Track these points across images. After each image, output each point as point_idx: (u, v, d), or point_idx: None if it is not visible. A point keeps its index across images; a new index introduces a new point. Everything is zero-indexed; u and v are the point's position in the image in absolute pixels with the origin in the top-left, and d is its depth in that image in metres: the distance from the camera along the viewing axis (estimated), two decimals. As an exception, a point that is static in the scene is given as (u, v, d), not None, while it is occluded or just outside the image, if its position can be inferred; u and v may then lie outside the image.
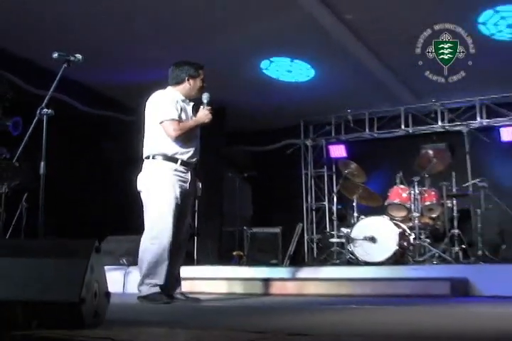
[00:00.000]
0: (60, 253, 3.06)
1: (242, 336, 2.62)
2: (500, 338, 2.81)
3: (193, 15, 8.19)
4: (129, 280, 7.34)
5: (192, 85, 5.72)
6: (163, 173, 5.47)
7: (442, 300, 5.68)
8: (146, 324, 3.19)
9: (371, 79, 10.30)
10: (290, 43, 9.04)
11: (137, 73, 5.83)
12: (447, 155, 9.48)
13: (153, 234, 5.39)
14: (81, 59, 5.16)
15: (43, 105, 4.94)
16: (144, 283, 5.36)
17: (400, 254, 8.59)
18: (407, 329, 3.20)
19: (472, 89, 10.32)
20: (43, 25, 8.25)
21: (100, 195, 10.07)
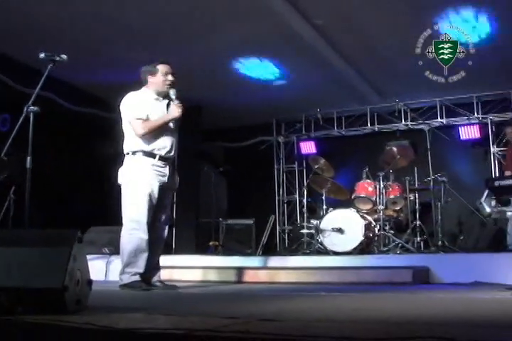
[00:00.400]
0: (44, 242, 3.04)
1: (216, 321, 2.61)
2: (456, 320, 2.83)
3: (171, 19, 8.15)
4: (110, 268, 7.31)
5: (154, 81, 5.65)
6: (141, 168, 5.46)
7: (405, 287, 5.70)
8: (126, 310, 3.17)
9: (340, 80, 10.33)
10: (263, 45, 9.03)
11: (119, 73, 5.80)
12: (410, 151, 9.53)
13: (131, 225, 5.37)
14: (66, 59, 5.12)
15: (29, 103, 4.91)
16: (125, 271, 5.35)
17: (366, 244, 8.63)
18: (374, 314, 3.21)
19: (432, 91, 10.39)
20: (30, 25, 8.16)
21: (84, 187, 10.02)
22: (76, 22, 8.16)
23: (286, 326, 2.52)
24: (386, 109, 11.62)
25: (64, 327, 2.47)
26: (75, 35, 8.41)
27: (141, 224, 5.34)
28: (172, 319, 2.82)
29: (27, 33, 8.28)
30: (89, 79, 9.83)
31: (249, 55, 9.58)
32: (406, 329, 2.37)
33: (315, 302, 4.30)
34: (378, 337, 2.15)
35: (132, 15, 8.04)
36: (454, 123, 11.30)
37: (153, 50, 7.88)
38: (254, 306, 3.86)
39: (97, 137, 9.78)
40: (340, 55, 9.35)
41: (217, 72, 9.99)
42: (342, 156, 11.52)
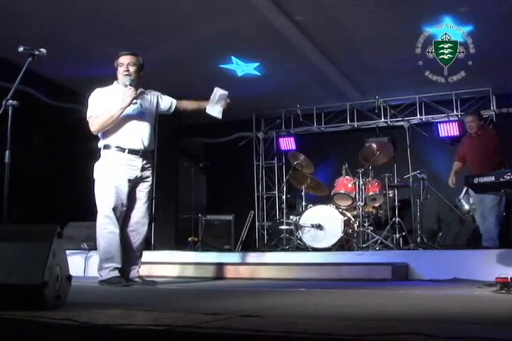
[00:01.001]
0: (23, 238, 3.02)
1: (196, 317, 2.61)
2: (435, 317, 2.85)
3: (151, 15, 8.12)
4: (89, 264, 7.29)
5: (118, 73, 5.67)
6: (110, 162, 5.48)
7: (384, 283, 5.73)
8: (106, 306, 3.16)
9: (319, 76, 10.33)
10: (241, 40, 9.02)
11: (98, 67, 5.78)
12: (389, 148, 9.56)
13: (104, 220, 5.39)
14: (45, 53, 5.09)
15: (8, 96, 4.87)
16: (103, 267, 5.35)
17: (345, 241, 8.67)
18: (353, 310, 3.22)
19: (412, 88, 10.44)
20: (8, 19, 8.10)
21: (62, 182, 9.96)
22: (55, 17, 8.11)
23: (267, 322, 2.53)
24: (366, 106, 11.65)
25: (43, 323, 2.46)
26: (54, 29, 8.36)
27: (111, 218, 5.35)
28: (152, 315, 2.81)
29: (5, 27, 8.22)
30: (68, 73, 9.77)
31: (227, 50, 9.56)
32: (386, 325, 2.39)
33: (295, 298, 4.31)
34: (358, 334, 2.16)
35: (110, 10, 7.99)
36: (433, 121, 11.36)
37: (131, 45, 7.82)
38: (235, 302, 3.87)
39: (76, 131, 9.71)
40: (320, 51, 9.35)
41: (197, 67, 9.96)
42: (322, 152, 11.54)
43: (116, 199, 5.38)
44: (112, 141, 5.49)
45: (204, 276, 6.76)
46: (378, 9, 7.90)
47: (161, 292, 5.06)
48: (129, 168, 5.47)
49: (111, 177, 5.42)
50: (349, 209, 9.19)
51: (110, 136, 5.50)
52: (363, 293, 4.74)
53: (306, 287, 5.14)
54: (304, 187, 9.64)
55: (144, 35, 8.60)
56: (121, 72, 5.62)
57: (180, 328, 2.29)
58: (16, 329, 2.45)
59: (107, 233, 5.33)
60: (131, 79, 5.54)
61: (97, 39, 8.68)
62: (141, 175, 5.56)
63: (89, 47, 8.86)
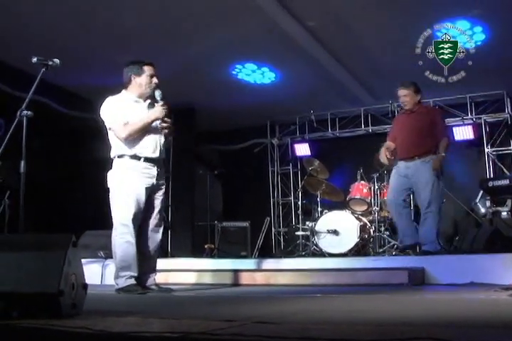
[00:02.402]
0: (39, 247, 3.03)
1: (211, 324, 2.61)
2: (452, 321, 2.83)
3: (164, 22, 8.16)
4: (106, 272, 7.30)
5: (138, 83, 5.61)
6: (127, 171, 5.46)
7: (401, 288, 5.70)
8: (121, 314, 3.16)
9: (333, 82, 10.34)
10: (255, 48, 9.05)
11: (111, 76, 5.79)
12: (404, 153, 9.51)
13: (120, 229, 5.37)
14: (58, 63, 5.12)
15: (22, 107, 4.90)
16: (119, 275, 5.34)
17: (361, 246, 8.65)
18: (369, 316, 3.21)
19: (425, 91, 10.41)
20: (22, 30, 8.16)
21: (78, 192, 10.00)
22: (68, 27, 8.16)
23: (282, 328, 2.52)
24: (380, 110, 11.62)
25: (59, 331, 2.46)
26: (67, 39, 8.41)
27: (129, 227, 5.33)
28: (167, 322, 2.81)
29: (19, 38, 8.28)
30: (82, 82, 9.82)
31: (241, 56, 9.58)
32: (402, 330, 2.37)
33: (311, 304, 4.30)
34: (374, 339, 2.15)
35: (123, 19, 8.03)
36: (447, 124, 11.29)
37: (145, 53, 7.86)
38: (250, 309, 3.86)
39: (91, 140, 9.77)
40: (333, 57, 9.36)
41: (211, 74, 9.99)
42: (336, 158, 11.54)
43: (136, 208, 5.38)
44: (127, 150, 5.48)
45: (221, 283, 6.75)
46: (390, 13, 7.90)
47: (177, 299, 5.06)
48: (145, 177, 5.48)
49: (129, 186, 5.41)
50: (365, 214, 9.17)
51: (125, 144, 5.49)
52: (380, 298, 4.73)
53: (323, 293, 5.12)
54: (319, 192, 9.64)
55: (156, 43, 8.63)
56: (148, 82, 5.60)
57: (195, 335, 2.29)
58: (31, 337, 2.46)
59: (123, 242, 5.32)
60: (161, 92, 5.58)
61: (111, 47, 8.71)
62: (156, 183, 5.56)
63: (103, 56, 8.90)
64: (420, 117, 7.45)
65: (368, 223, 8.84)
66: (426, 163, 7.24)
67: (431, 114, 7.58)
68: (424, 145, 7.29)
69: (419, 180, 7.23)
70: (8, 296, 2.82)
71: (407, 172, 7.36)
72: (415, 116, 7.48)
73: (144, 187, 5.45)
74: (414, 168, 7.29)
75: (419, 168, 7.25)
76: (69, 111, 10.22)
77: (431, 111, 7.82)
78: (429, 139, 7.30)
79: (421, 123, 7.39)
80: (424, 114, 7.52)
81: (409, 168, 7.35)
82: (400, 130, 7.63)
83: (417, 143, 7.31)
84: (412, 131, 7.41)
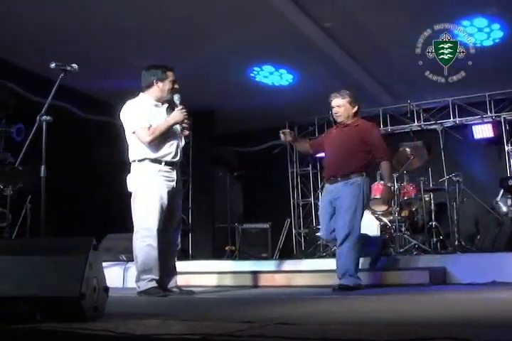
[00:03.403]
0: (60, 251, 3.06)
1: (233, 326, 2.62)
2: (473, 321, 2.82)
3: (182, 25, 8.19)
4: (128, 275, 7.34)
5: (161, 88, 5.64)
6: (148, 175, 5.48)
7: (422, 288, 5.69)
8: (143, 316, 3.18)
9: (350, 82, 10.30)
10: (273, 50, 9.06)
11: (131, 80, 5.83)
12: (424, 152, 9.48)
13: (142, 232, 5.39)
14: (77, 68, 5.16)
15: (42, 112, 4.94)
16: (141, 278, 5.36)
17: (382, 246, 8.61)
18: (391, 316, 3.21)
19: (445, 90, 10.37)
20: (41, 36, 8.23)
21: (99, 195, 10.06)
22: (85, 32, 8.22)
23: (302, 330, 2.53)
24: (398, 110, 11.60)
25: (81, 334, 2.49)
26: (86, 44, 8.47)
27: (151, 231, 5.35)
28: (188, 324, 2.83)
29: (38, 43, 8.35)
30: (100, 86, 9.88)
31: (259, 59, 9.60)
32: (423, 330, 2.37)
33: (331, 305, 4.30)
34: (395, 339, 2.15)
35: (141, 22, 8.08)
36: (467, 123, 11.28)
37: (164, 56, 7.90)
38: (271, 310, 3.87)
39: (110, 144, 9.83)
40: (350, 57, 9.36)
41: (229, 77, 10.02)
42: (356, 158, 11.52)
43: (158, 212, 5.40)
44: (148, 154, 5.50)
45: (242, 285, 6.77)
46: (407, 12, 7.88)
47: (198, 301, 5.08)
48: (166, 180, 5.50)
49: (152, 190, 5.43)
50: (385, 214, 9.12)
51: (146, 148, 5.52)
52: (400, 298, 4.72)
53: (343, 294, 5.13)
54: (339, 193, 9.61)
55: (175, 46, 8.68)
56: (170, 88, 5.64)
57: (216, 337, 2.30)
58: (54, 340, 2.49)
59: (145, 246, 5.34)
60: (180, 97, 5.61)
61: (130, 50, 8.76)
62: (176, 186, 5.59)
63: (121, 60, 8.95)
64: (351, 132, 6.29)
65: (388, 223, 8.80)
66: (349, 185, 6.01)
67: (363, 131, 6.29)
68: (349, 165, 6.07)
69: (340, 205, 5.99)
70: (31, 300, 2.85)
71: (330, 198, 6.13)
72: (348, 130, 6.33)
73: (166, 190, 5.47)
74: (336, 191, 6.07)
75: (340, 190, 6.02)
76: (88, 115, 10.27)
77: (364, 128, 6.38)
78: (356, 159, 6.11)
79: (350, 140, 6.22)
80: (357, 129, 6.32)
81: (331, 192, 6.14)
82: (328, 146, 6.47)
83: (342, 162, 6.12)
84: (339, 148, 6.26)
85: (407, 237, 8.62)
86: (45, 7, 7.57)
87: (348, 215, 5.90)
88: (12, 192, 7.29)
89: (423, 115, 11.36)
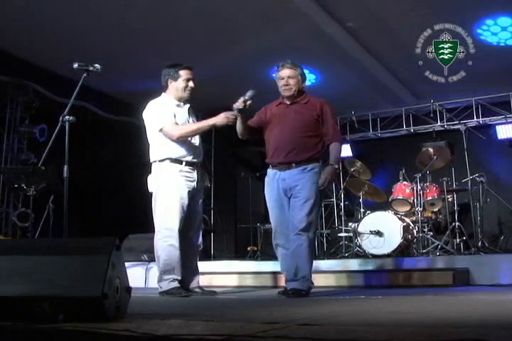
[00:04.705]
0: (83, 251, 3.06)
1: (255, 327, 2.60)
2: (497, 323, 2.79)
3: (205, 26, 8.19)
4: (150, 275, 7.35)
5: (175, 87, 5.62)
6: (169, 175, 5.47)
7: (445, 289, 5.65)
8: (165, 316, 3.17)
9: (373, 82, 10.29)
10: (295, 50, 9.02)
11: (152, 81, 5.84)
12: (447, 152, 9.43)
13: (164, 233, 5.39)
14: (99, 69, 5.15)
15: (65, 112, 4.95)
16: (163, 279, 5.36)
17: (405, 247, 8.58)
18: (414, 317, 3.17)
19: (468, 90, 10.29)
20: (64, 37, 8.27)
21: (121, 195, 10.08)
22: (108, 33, 8.25)
23: (326, 330, 2.50)
24: (421, 110, 11.55)
25: (104, 334, 2.48)
26: (108, 45, 8.50)
27: (173, 231, 5.35)
28: (211, 325, 2.81)
29: (61, 45, 8.39)
30: (123, 87, 9.91)
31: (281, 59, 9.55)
32: (447, 332, 2.35)
33: (354, 305, 4.27)
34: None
35: (164, 23, 8.09)
36: (490, 123, 11.19)
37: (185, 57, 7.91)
38: (293, 311, 3.84)
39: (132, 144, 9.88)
40: (373, 56, 9.32)
41: (251, 77, 9.99)
42: (378, 158, 11.51)
43: (179, 212, 5.39)
44: (168, 154, 5.49)
45: (263, 285, 6.76)
46: (430, 11, 7.82)
47: (220, 302, 5.06)
48: (187, 180, 5.49)
49: (173, 190, 5.42)
50: (408, 214, 9.09)
51: (166, 148, 5.51)
52: (424, 299, 4.68)
53: (366, 294, 5.10)
54: (361, 193, 9.58)
55: (197, 47, 8.68)
56: (184, 86, 5.61)
57: (239, 338, 2.28)
58: (77, 340, 2.49)
59: (167, 246, 5.33)
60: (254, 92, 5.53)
61: (152, 52, 8.77)
62: (198, 187, 5.59)
63: (144, 61, 8.96)
64: (304, 111, 5.46)
65: (411, 223, 8.76)
66: (306, 172, 5.31)
67: (318, 108, 5.46)
68: (304, 149, 5.34)
69: (296, 195, 5.27)
70: (54, 299, 2.85)
71: (284, 187, 5.34)
72: (298, 108, 5.49)
73: (187, 190, 5.46)
74: (291, 179, 5.31)
75: (296, 179, 5.28)
76: (110, 116, 10.30)
77: (318, 104, 5.50)
78: (311, 142, 5.38)
79: (302, 119, 5.41)
80: (310, 106, 5.49)
81: (284, 180, 5.35)
82: (275, 126, 5.51)
83: (295, 145, 5.34)
84: (292, 129, 5.38)
85: (430, 238, 8.58)
86: (66, 8, 7.60)
87: (307, 207, 5.20)
88: (35, 192, 7.33)
89: (446, 115, 11.30)
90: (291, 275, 5.19)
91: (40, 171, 6.93)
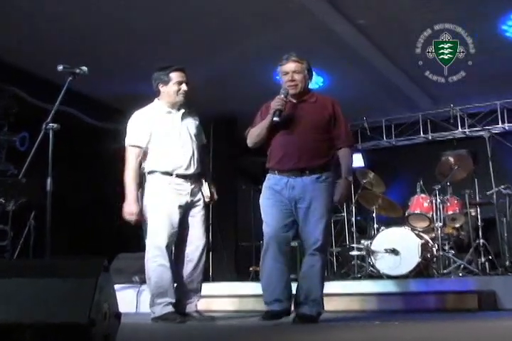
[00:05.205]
0: (67, 273, 3.03)
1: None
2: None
3: (200, 25, 8.18)
4: (141, 299, 7.33)
5: (167, 92, 5.60)
6: (158, 189, 5.47)
7: (470, 314, 5.62)
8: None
9: (387, 85, 10.28)
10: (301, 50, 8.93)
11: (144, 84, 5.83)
12: (469, 161, 9.41)
13: (154, 252, 5.36)
14: (86, 71, 5.15)
15: (48, 119, 4.94)
16: (155, 303, 5.31)
17: (424, 267, 8.53)
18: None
19: (492, 93, 10.28)
20: (47, 38, 8.27)
21: (111, 210, 10.04)
22: (96, 32, 8.24)
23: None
24: (440, 115, 11.55)
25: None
26: (96, 46, 8.50)
27: (162, 250, 5.32)
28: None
29: (43, 45, 8.38)
30: (113, 91, 9.91)
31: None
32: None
33: (369, 332, 4.25)
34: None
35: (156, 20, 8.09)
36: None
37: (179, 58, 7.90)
38: (300, 338, 3.81)
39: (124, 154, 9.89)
40: (386, 57, 9.32)
41: (253, 81, 10.00)
42: (393, 169, 11.48)
43: (168, 229, 5.36)
44: (157, 166, 5.49)
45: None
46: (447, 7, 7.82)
47: (219, 329, 5.03)
48: (178, 194, 5.47)
49: (160, 205, 5.41)
50: (426, 231, 9.07)
51: (155, 159, 5.51)
52: (447, 325, 4.65)
53: (382, 319, 5.07)
54: (374, 207, 9.56)
55: (193, 46, 8.67)
56: (176, 90, 5.58)
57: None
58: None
59: (157, 266, 5.31)
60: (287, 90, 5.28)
61: (144, 52, 8.77)
62: (191, 200, 5.55)
63: (136, 62, 8.95)
64: (314, 110, 5.25)
65: (430, 241, 8.73)
66: (320, 182, 5.10)
67: (330, 107, 5.30)
68: (318, 155, 5.13)
69: (311, 209, 5.07)
70: (35, 327, 2.82)
71: (294, 195, 5.11)
72: (307, 107, 5.27)
73: (177, 205, 5.44)
74: (302, 188, 5.09)
75: (310, 189, 5.07)
76: (98, 123, 10.28)
77: (329, 103, 5.36)
78: (326, 145, 5.19)
79: (316, 120, 5.20)
80: (320, 105, 5.31)
81: (293, 188, 5.11)
82: (280, 127, 5.23)
83: (310, 149, 5.11)
84: (302, 131, 5.14)
85: (452, 257, 8.54)
86: (49, 4, 7.60)
87: (322, 223, 5.09)
88: (14, 207, 7.30)
89: (468, 120, 11.28)
90: (301, 297, 5.10)
91: (21, 184, 6.91)
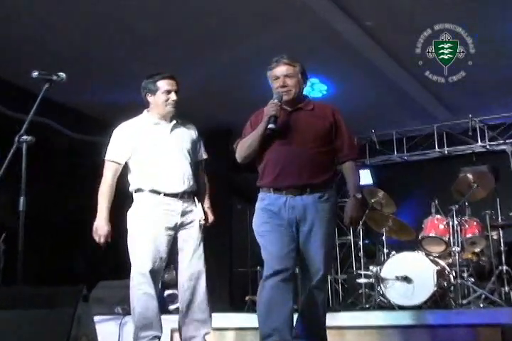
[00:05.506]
0: (42, 303, 3.02)
1: None
2: None
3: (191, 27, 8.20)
4: (124, 331, 7.27)
5: (155, 101, 5.60)
6: (142, 209, 5.48)
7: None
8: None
9: (398, 93, 10.30)
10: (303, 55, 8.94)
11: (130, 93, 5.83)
12: (490, 179, 9.41)
13: (138, 279, 5.32)
14: (64, 78, 5.13)
15: (21, 131, 4.91)
16: (140, 337, 5.25)
17: (440, 296, 8.50)
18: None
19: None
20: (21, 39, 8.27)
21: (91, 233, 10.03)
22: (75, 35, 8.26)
23: None
24: (457, 128, 11.58)
25: None
26: (75, 50, 8.51)
27: (147, 276, 5.28)
28: None
29: (16, 49, 8.39)
30: (95, 100, 9.92)
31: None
32: None
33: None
34: None
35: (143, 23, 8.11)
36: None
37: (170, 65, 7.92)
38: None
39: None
40: (398, 64, 9.34)
41: (249, 89, 10.01)
42: (405, 187, 11.50)
43: (153, 254, 5.33)
44: (144, 183, 5.48)
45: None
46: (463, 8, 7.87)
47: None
48: (166, 214, 5.45)
49: (145, 227, 5.39)
50: (443, 256, 9.06)
51: (141, 176, 5.52)
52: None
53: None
54: (384, 230, 9.55)
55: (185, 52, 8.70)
56: (165, 100, 5.56)
57: None
58: None
59: (141, 294, 5.26)
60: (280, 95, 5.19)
61: (129, 57, 8.78)
62: (181, 222, 5.52)
63: (121, 67, 8.98)
64: (312, 119, 5.05)
65: (446, 267, 8.72)
66: (323, 202, 4.92)
67: (330, 116, 5.11)
68: (321, 169, 4.97)
69: (312, 231, 4.89)
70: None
71: (295, 216, 4.92)
72: (304, 116, 5.07)
73: (164, 226, 5.41)
74: (303, 208, 4.89)
75: (313, 210, 4.89)
76: (78, 135, 10.28)
77: (329, 111, 5.16)
78: (328, 158, 5.04)
79: (315, 130, 4.99)
80: (318, 113, 5.11)
81: (294, 208, 4.90)
82: (274, 139, 5.02)
83: (311, 163, 4.91)
84: (301, 143, 4.94)
85: (471, 285, 8.52)
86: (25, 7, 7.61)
87: (326, 248, 4.93)
88: (-19, 229, 7.29)
89: (488, 133, 11.30)
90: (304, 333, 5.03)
91: (-11, 203, 6.92)
